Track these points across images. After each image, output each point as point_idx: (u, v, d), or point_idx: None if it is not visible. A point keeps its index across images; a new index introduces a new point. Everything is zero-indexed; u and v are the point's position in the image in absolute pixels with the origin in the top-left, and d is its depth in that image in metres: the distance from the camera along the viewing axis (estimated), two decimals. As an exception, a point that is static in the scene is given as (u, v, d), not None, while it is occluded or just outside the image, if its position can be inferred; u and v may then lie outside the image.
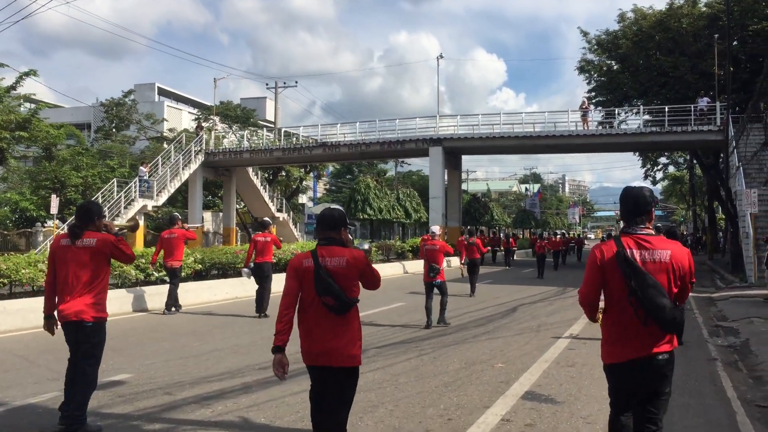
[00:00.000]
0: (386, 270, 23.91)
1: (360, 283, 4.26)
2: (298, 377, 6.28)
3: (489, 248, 33.19)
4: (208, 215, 45.14)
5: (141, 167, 32.93)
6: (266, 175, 46.37)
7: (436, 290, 11.73)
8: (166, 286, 13.24)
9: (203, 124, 39.76)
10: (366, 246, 6.01)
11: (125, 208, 30.92)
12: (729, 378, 7.63)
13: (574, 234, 66.44)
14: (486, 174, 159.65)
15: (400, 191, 34.06)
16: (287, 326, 4.13)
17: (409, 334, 10.53)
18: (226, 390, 6.77)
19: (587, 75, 37.02)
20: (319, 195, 76.00)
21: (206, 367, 7.95)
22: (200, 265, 16.47)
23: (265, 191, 42.13)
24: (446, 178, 36.78)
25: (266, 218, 14.55)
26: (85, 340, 5.24)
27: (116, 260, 5.60)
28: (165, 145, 39.85)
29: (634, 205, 3.81)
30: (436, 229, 12.52)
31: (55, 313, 5.37)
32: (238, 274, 16.15)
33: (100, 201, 29.88)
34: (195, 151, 36.11)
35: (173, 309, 12.88)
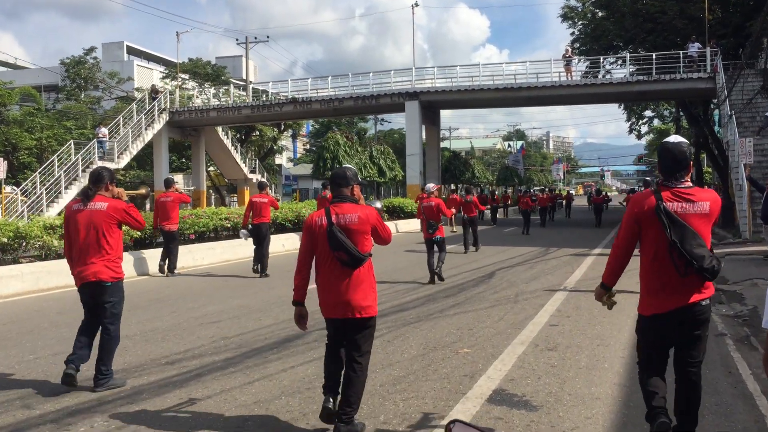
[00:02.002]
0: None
1: (372, 239, 4.45)
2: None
3: (487, 206, 31.98)
4: (179, 178, 43.33)
5: (99, 129, 30.99)
6: (238, 135, 44.45)
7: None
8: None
9: (161, 87, 37.41)
10: (378, 204, 5.68)
11: (83, 171, 29.05)
12: (745, 362, 6.24)
13: (558, 190, 65.25)
14: (470, 132, 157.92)
15: (373, 148, 32.29)
16: (303, 281, 4.47)
17: (395, 306, 9.04)
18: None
19: (571, 22, 35.22)
20: (298, 155, 74.12)
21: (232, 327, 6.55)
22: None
23: (237, 152, 40.30)
24: (424, 134, 35.14)
25: (263, 179, 15.12)
26: (106, 300, 5.49)
27: (127, 226, 5.76)
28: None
29: (673, 160, 3.80)
30: (431, 186, 12.92)
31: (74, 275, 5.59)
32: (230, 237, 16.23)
33: (56, 164, 28.12)
34: (158, 110, 34.12)
35: (168, 273, 12.96)
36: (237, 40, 45.82)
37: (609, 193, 41.07)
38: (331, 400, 4.38)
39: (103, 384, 5.42)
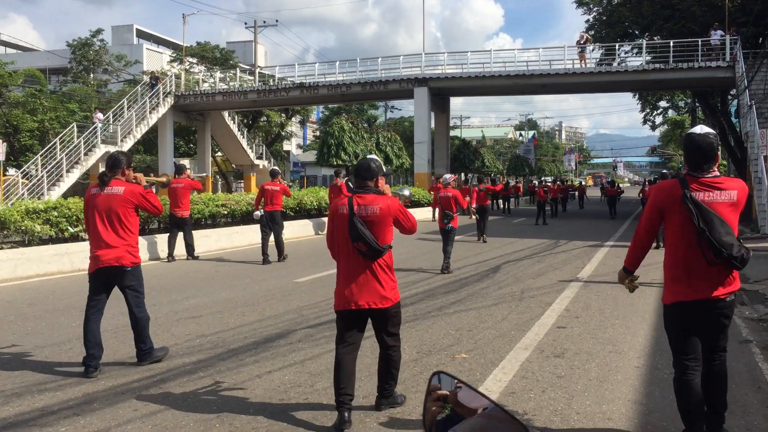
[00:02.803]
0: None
1: (397, 229, 4.55)
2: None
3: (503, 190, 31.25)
4: (186, 163, 42.78)
5: (96, 114, 30.49)
6: (245, 120, 43.81)
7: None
8: (180, 234, 13.15)
9: (167, 71, 36.77)
10: (406, 192, 6.07)
11: (86, 154, 28.59)
12: (775, 375, 5.59)
13: (570, 181, 64.29)
14: (482, 121, 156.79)
15: (380, 135, 31.52)
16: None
17: (359, 306, 8.42)
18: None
19: (586, 8, 34.26)
20: (308, 142, 73.38)
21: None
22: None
23: (243, 137, 39.66)
24: (433, 122, 34.38)
25: (275, 167, 15.09)
26: (127, 284, 5.59)
27: (144, 211, 5.77)
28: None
29: (699, 151, 3.73)
30: (448, 177, 12.95)
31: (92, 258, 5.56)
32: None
33: (58, 146, 27.66)
34: (164, 93, 33.52)
35: (189, 257, 13.10)
36: (246, 24, 45.08)
37: (621, 185, 40.00)
38: (346, 415, 4.26)
39: (146, 358, 5.66)
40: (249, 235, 15.77)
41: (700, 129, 3.85)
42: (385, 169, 4.55)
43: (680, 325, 3.82)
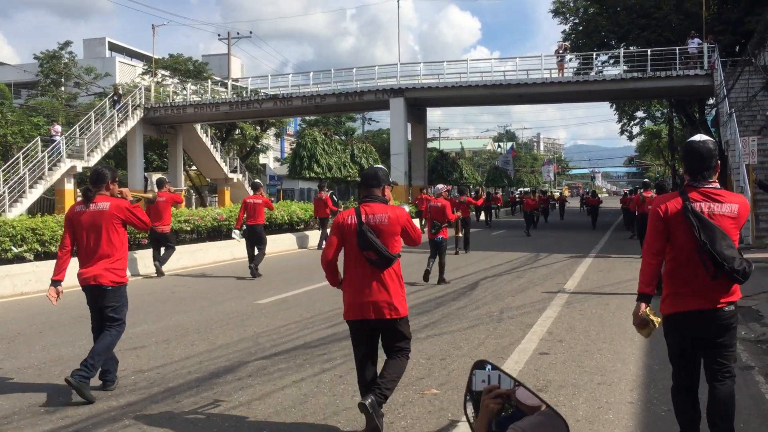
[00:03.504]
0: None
1: (403, 240, 4.47)
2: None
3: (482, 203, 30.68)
4: (157, 177, 41.79)
5: (54, 126, 29.59)
6: (219, 133, 42.92)
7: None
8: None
9: (140, 83, 35.87)
10: (406, 207, 5.05)
11: (50, 169, 27.59)
12: (786, 410, 4.93)
13: (550, 192, 64.05)
14: (461, 133, 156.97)
15: (355, 146, 30.83)
16: (332, 267, 4.46)
17: (321, 332, 7.66)
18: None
19: (562, 18, 33.97)
20: (285, 155, 72.43)
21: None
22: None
23: (217, 150, 38.75)
24: (410, 133, 33.78)
25: (257, 180, 14.57)
26: (107, 304, 5.34)
27: (132, 226, 5.54)
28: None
29: (699, 159, 3.65)
30: (440, 187, 13.10)
31: (76, 276, 5.39)
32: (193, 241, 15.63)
33: (21, 161, 26.64)
34: (133, 106, 32.61)
35: (157, 274, 12.58)
36: (219, 35, 44.18)
37: (600, 195, 40.09)
38: (371, 397, 4.21)
39: (82, 377, 5.07)
40: (214, 252, 15.00)
41: (700, 137, 3.76)
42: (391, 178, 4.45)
43: (680, 335, 3.70)
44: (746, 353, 6.62)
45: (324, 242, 19.02)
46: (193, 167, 43.44)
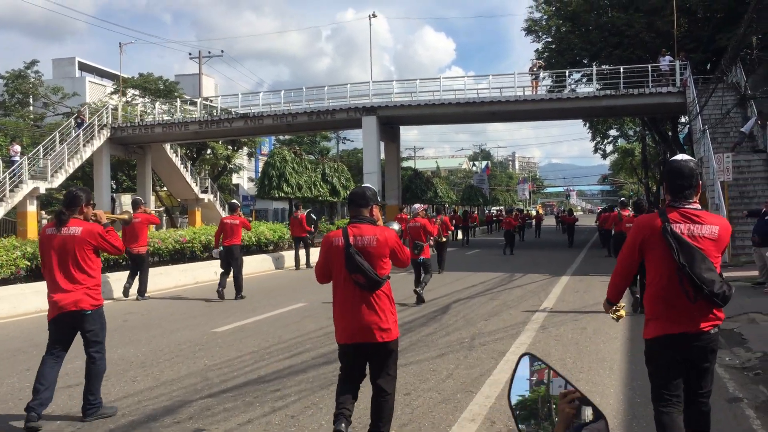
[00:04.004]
0: (286, 260, 20.39)
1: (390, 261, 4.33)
2: None
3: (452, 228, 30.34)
4: (127, 198, 40.75)
5: (13, 145, 28.75)
6: (189, 153, 42.18)
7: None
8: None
9: (107, 102, 35.11)
10: (395, 226, 5.17)
11: (11, 191, 26.70)
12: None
13: (526, 210, 64.10)
14: (436, 152, 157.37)
15: (326, 165, 30.28)
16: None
17: (278, 364, 7.07)
18: None
19: (535, 36, 33.91)
20: (260, 175, 71.54)
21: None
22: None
23: (187, 171, 37.98)
24: (383, 151, 33.38)
25: (234, 201, 14.31)
26: (88, 328, 5.23)
27: (104, 251, 5.42)
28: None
29: (680, 178, 3.61)
30: (417, 207, 13.47)
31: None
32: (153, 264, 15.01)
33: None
34: (98, 125, 31.82)
35: (139, 296, 12.32)
36: (190, 54, 43.60)
37: (575, 213, 40.39)
38: (344, 426, 4.12)
39: (92, 413, 5.17)
40: (175, 276, 14.35)
41: (681, 157, 3.75)
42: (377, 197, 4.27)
43: (662, 360, 3.62)
44: (733, 383, 6.16)
45: (299, 261, 18.96)
46: (164, 188, 42.62)
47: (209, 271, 15.60)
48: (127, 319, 10.19)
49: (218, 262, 16.16)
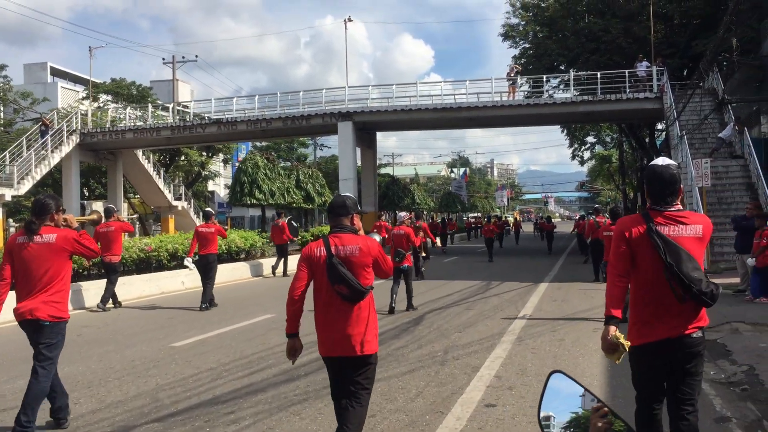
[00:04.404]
0: (257, 268, 19.88)
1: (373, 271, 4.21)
2: None
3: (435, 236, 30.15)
4: (99, 205, 39.93)
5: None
6: (163, 159, 41.43)
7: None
8: (104, 281, 12.30)
9: (77, 107, 34.30)
10: (377, 238, 4.58)
11: (-24, 198, 25.91)
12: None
13: (504, 217, 63.95)
14: (415, 159, 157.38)
15: (300, 172, 29.75)
16: (297, 312, 4.11)
17: (236, 382, 6.58)
18: None
19: (512, 42, 33.72)
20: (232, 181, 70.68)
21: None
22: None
23: (160, 177, 37.26)
24: (359, 157, 32.98)
25: (209, 209, 14.12)
26: (41, 340, 5.00)
27: (80, 256, 5.57)
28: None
29: (662, 183, 3.54)
30: (402, 215, 12.84)
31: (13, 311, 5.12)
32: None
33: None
34: (67, 131, 31.05)
35: (113, 305, 12.16)
36: (164, 59, 42.90)
37: (554, 220, 40.55)
38: None
39: None
40: (139, 287, 13.79)
41: (662, 161, 3.66)
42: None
43: (647, 366, 3.57)
44: (719, 399, 5.79)
45: (277, 268, 18.74)
46: (136, 195, 41.81)
47: (176, 281, 15.05)
48: (82, 333, 9.62)
49: (186, 271, 15.75)
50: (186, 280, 15.41)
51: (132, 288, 13.62)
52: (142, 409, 5.69)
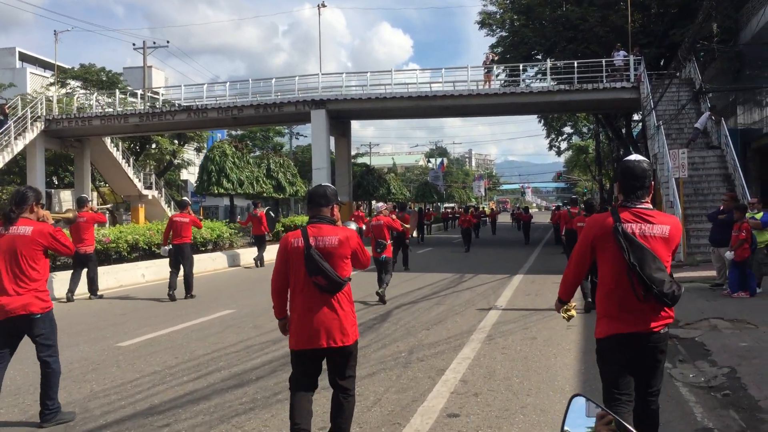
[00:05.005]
0: (224, 260, 19.31)
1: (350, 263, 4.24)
2: None
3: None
4: (67, 194, 38.86)
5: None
6: (133, 146, 40.46)
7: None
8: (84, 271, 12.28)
9: (42, 93, 33.30)
10: (353, 226, 4.49)
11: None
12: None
13: (482, 207, 63.71)
14: (394, 148, 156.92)
15: (271, 160, 29.06)
16: (282, 301, 4.20)
17: (178, 388, 6.03)
18: None
19: (489, 30, 33.23)
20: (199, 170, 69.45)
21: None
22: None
23: (129, 166, 36.36)
24: (333, 146, 32.39)
25: (184, 198, 13.94)
26: (38, 332, 5.09)
27: (54, 252, 5.32)
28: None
29: (633, 178, 3.65)
30: (380, 206, 13.22)
31: None
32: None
33: None
34: (31, 117, 30.06)
35: (92, 296, 12.26)
36: (134, 45, 41.83)
37: (531, 210, 40.49)
38: None
39: (50, 419, 5.05)
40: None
41: (635, 157, 3.76)
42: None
43: (613, 359, 3.63)
44: (700, 407, 5.36)
45: (260, 261, 18.54)
46: (106, 184, 40.83)
47: (135, 273, 14.43)
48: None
49: (146, 263, 15.14)
50: (146, 272, 14.80)
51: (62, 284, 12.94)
52: (67, 421, 5.14)
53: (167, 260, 15.77)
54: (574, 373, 6.43)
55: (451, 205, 71.53)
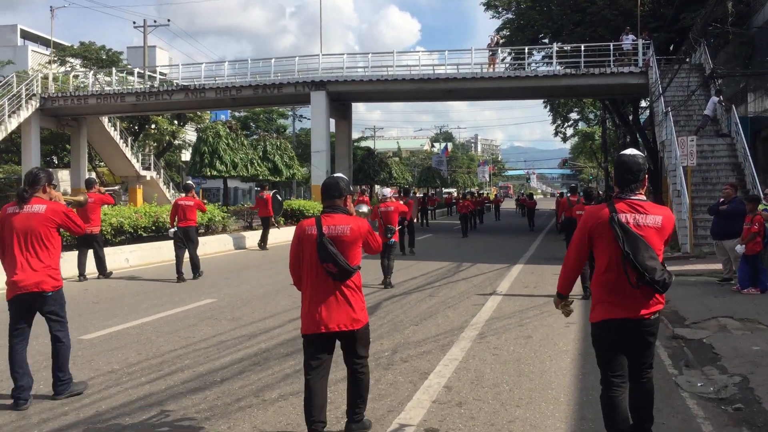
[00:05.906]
0: (216, 244, 18.83)
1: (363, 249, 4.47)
2: None
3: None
4: (65, 174, 38.33)
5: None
6: (131, 126, 39.87)
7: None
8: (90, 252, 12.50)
9: (39, 70, 32.64)
10: (365, 209, 4.98)
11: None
12: None
13: (486, 193, 63.03)
14: (399, 132, 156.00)
15: (267, 142, 28.45)
16: (298, 276, 4.42)
17: (136, 390, 5.48)
18: None
19: (495, 11, 32.44)
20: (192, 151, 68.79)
21: None
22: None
23: (127, 146, 35.82)
24: (333, 129, 31.76)
25: (189, 182, 13.92)
26: (48, 310, 5.26)
27: (66, 230, 5.46)
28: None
29: (627, 171, 3.83)
30: (387, 191, 13.00)
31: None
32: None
33: None
34: (26, 95, 29.47)
35: (101, 275, 12.56)
36: (134, 23, 41.18)
37: (536, 197, 39.99)
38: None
39: (63, 391, 5.24)
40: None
41: (630, 151, 3.95)
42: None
43: (607, 341, 3.84)
44: (709, 424, 4.78)
45: (264, 242, 18.55)
46: (104, 164, 40.31)
47: (119, 258, 13.92)
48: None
49: (131, 248, 14.62)
50: (131, 257, 14.28)
51: (68, 265, 12.38)
52: (79, 392, 4.71)
53: (153, 244, 15.37)
54: (571, 379, 5.86)
55: (450, 190, 70.82)
